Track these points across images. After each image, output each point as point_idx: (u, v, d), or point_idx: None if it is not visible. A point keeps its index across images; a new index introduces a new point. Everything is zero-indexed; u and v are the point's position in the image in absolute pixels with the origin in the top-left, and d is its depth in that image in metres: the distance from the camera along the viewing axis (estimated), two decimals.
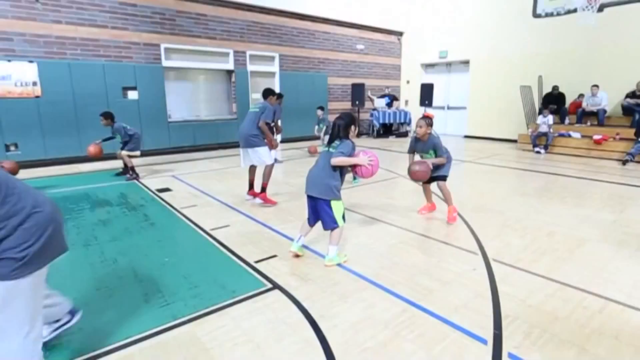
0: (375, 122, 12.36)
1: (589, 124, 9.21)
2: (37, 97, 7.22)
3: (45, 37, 7.25)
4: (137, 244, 3.49)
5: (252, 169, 4.82)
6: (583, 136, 8.82)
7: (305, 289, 2.62)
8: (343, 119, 2.97)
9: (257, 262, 3.06)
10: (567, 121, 9.63)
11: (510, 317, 2.27)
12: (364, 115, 12.89)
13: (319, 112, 8.85)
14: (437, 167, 3.93)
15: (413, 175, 3.85)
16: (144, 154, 8.47)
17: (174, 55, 8.95)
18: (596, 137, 8.42)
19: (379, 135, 12.50)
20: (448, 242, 3.47)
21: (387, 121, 12.53)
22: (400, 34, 13.91)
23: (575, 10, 7.58)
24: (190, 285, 2.67)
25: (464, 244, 3.43)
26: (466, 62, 12.34)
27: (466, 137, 12.40)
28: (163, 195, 5.22)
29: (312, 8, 11.05)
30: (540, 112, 9.42)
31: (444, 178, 4.00)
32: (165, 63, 8.76)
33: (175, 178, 6.34)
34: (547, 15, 9.93)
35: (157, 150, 8.73)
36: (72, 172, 6.95)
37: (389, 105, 12.76)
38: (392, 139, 12.34)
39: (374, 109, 12.51)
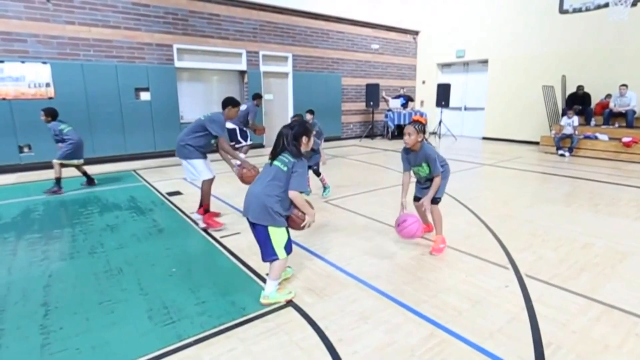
0: (389, 124, 12.08)
1: (617, 125, 8.75)
2: (51, 98, 7.20)
3: (59, 38, 7.22)
4: (144, 252, 3.33)
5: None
6: (611, 138, 8.38)
7: (321, 307, 2.41)
8: (292, 128, 2.42)
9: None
10: (593, 122, 9.19)
11: (553, 346, 2.02)
12: (379, 117, 12.62)
13: (309, 116, 8.31)
14: (427, 185, 3.27)
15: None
16: (155, 155, 8.41)
17: (187, 56, 8.86)
18: (625, 139, 7.98)
19: (393, 136, 12.21)
20: (475, 255, 3.21)
21: (402, 122, 12.22)
22: (415, 33, 13.59)
23: (606, 5, 7.18)
24: (198, 301, 2.49)
25: (492, 256, 3.17)
26: (484, 62, 11.95)
27: (484, 138, 12.01)
28: (173, 198, 5.08)
29: (326, 7, 10.85)
30: (564, 113, 9.01)
31: (435, 201, 3.26)
32: (178, 64, 8.67)
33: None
34: (574, 11, 9.48)
35: (169, 152, 8.62)
36: (79, 175, 6.88)
37: (404, 106, 12.47)
38: None
39: (389, 110, 12.23)
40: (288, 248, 2.44)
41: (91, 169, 7.28)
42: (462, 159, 8.25)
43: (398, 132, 12.47)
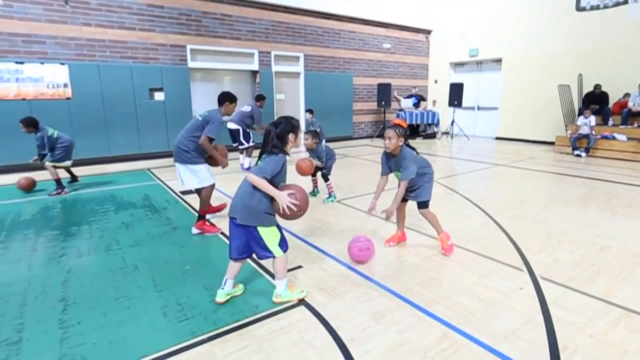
0: None
1: (635, 125, 8.55)
2: (68, 98, 7.36)
3: (76, 39, 7.38)
4: (159, 250, 3.38)
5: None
6: (629, 138, 8.19)
7: (333, 306, 2.42)
8: (277, 125, 2.33)
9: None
10: (610, 122, 8.99)
11: (570, 350, 1.98)
12: (390, 116, 12.55)
13: (308, 115, 8.10)
14: (412, 189, 3.14)
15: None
16: (169, 154, 8.50)
17: (200, 56, 8.95)
18: None
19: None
20: (488, 256, 3.17)
21: (414, 122, 12.14)
22: (428, 32, 13.49)
23: (625, 2, 7.00)
24: (211, 298, 2.52)
25: (506, 257, 3.13)
26: (498, 61, 11.79)
27: (497, 138, 11.85)
28: (187, 197, 5.14)
29: (337, 7, 10.84)
30: (580, 113, 8.83)
31: (423, 205, 3.16)
32: (191, 64, 8.77)
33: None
34: (592, 8, 9.28)
35: None
36: (99, 173, 7.02)
37: (416, 105, 12.38)
38: (419, 140, 11.95)
39: (401, 110, 12.15)
40: (283, 245, 2.39)
41: (106, 168, 7.44)
42: (475, 159, 8.15)
43: (410, 132, 12.41)
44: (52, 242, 3.60)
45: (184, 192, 5.41)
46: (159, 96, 8.38)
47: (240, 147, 7.11)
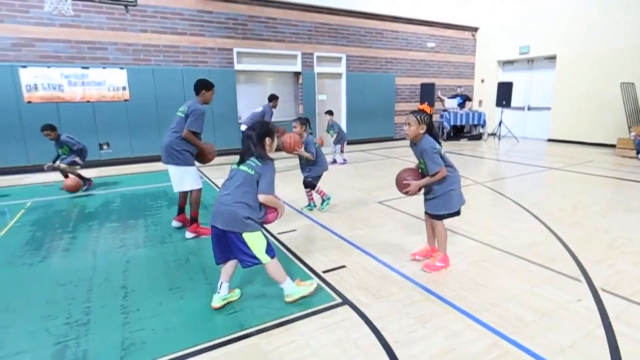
0: (445, 124, 11.67)
1: None
2: (126, 100, 7.90)
3: (134, 45, 7.90)
4: (208, 245, 3.50)
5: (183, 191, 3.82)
6: None
7: (377, 307, 2.41)
8: (255, 129, 2.31)
9: (325, 272, 2.92)
10: None
11: None
12: (434, 117, 12.22)
13: (328, 116, 7.95)
14: (427, 194, 2.82)
15: (398, 183, 2.86)
16: (218, 153, 8.87)
17: (245, 58, 9.25)
18: None
19: (449, 137, 11.78)
20: (541, 264, 3.01)
21: (458, 123, 11.76)
22: (475, 29, 12.99)
23: None
24: (258, 293, 2.60)
25: (562, 267, 2.95)
26: (552, 58, 11.11)
27: (549, 140, 11.16)
28: None
29: (380, 7, 10.75)
30: None
31: (438, 217, 2.82)
32: (237, 67, 9.08)
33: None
34: None
35: (229, 150, 9.06)
36: (153, 170, 7.46)
37: (461, 106, 11.98)
38: (463, 141, 11.55)
39: (445, 110, 11.82)
40: (270, 251, 2.34)
41: (160, 166, 7.87)
42: (525, 162, 7.75)
43: (454, 133, 12.04)
44: (113, 234, 3.89)
45: None
46: None
47: None
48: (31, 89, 7.12)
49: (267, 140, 2.35)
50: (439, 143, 2.77)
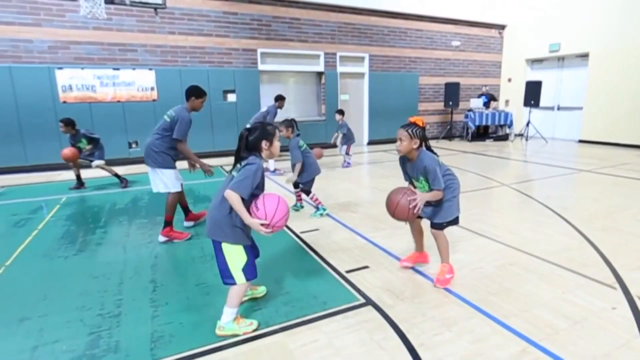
0: (470, 124, 11.42)
1: None
2: (154, 100, 8.14)
3: (162, 47, 8.13)
4: None
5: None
6: None
7: (401, 309, 2.39)
8: (252, 131, 2.14)
9: (348, 272, 2.92)
10: None
11: None
12: (458, 117, 12.01)
13: (338, 116, 7.73)
14: (430, 204, 2.65)
15: (389, 206, 2.58)
16: None
17: (269, 59, 9.35)
18: None
19: (473, 138, 11.52)
20: (572, 269, 2.91)
21: (483, 123, 11.48)
22: (502, 27, 12.65)
23: None
24: (282, 291, 2.63)
25: (595, 273, 2.84)
26: (584, 55, 10.68)
27: (581, 141, 10.73)
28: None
29: (404, 5, 10.62)
30: None
31: (439, 226, 2.66)
32: (261, 67, 9.19)
33: (267, 177, 6.57)
34: None
35: None
36: (179, 168, 7.65)
37: (486, 105, 11.70)
38: (488, 142, 11.27)
39: (469, 110, 11.57)
40: (248, 272, 2.11)
41: (184, 164, 8.08)
42: (555, 164, 7.49)
43: (478, 134, 11.78)
44: (142, 229, 4.03)
45: None
46: (231, 98, 8.92)
47: None
48: (66, 90, 7.45)
49: (264, 143, 2.14)
50: (435, 154, 2.61)
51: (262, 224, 2.03)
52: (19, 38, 7.06)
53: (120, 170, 7.21)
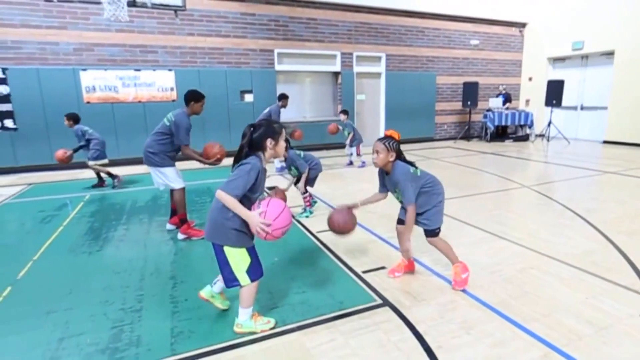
0: (488, 124, 11.22)
1: None
2: (174, 100, 8.30)
3: (181, 48, 8.28)
4: None
5: (172, 192, 3.83)
6: None
7: (418, 310, 2.38)
8: (257, 128, 2.05)
9: (365, 272, 2.91)
10: None
11: None
12: (477, 117, 11.81)
13: (342, 116, 7.74)
14: (421, 212, 2.64)
15: (330, 224, 2.64)
16: None
17: (286, 59, 9.41)
18: None
19: (492, 138, 11.31)
20: (596, 274, 2.82)
21: (502, 123, 11.26)
22: (522, 25, 12.37)
23: None
24: (298, 290, 2.65)
25: (621, 278, 2.75)
26: (609, 54, 10.34)
27: (605, 142, 10.40)
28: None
29: (421, 4, 10.51)
30: None
31: (432, 233, 2.66)
32: (278, 67, 9.26)
33: (284, 177, 6.62)
34: None
35: None
36: (195, 167, 7.78)
37: (503, 104, 11.46)
38: (508, 142, 11.05)
39: (488, 110, 11.36)
40: (253, 273, 2.07)
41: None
42: (578, 165, 7.28)
43: (497, 134, 11.55)
44: (162, 227, 4.11)
45: (270, 188, 5.74)
46: (248, 98, 9.01)
47: None
48: (90, 90, 7.67)
49: (269, 142, 2.06)
50: (412, 164, 2.60)
51: (262, 222, 1.93)
52: (46, 41, 7.31)
53: (141, 169, 7.38)
